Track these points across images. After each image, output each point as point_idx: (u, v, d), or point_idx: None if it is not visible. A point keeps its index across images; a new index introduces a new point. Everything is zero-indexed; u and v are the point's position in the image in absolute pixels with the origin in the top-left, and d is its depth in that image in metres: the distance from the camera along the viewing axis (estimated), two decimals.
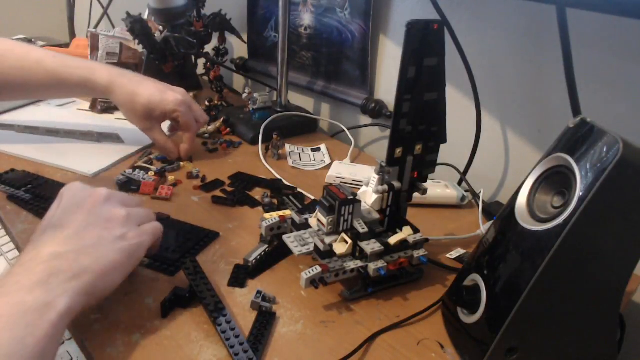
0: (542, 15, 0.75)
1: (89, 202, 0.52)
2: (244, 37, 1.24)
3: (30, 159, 0.84)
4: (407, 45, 0.51)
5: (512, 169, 0.86)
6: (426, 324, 0.55)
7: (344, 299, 0.57)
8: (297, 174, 0.87)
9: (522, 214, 0.48)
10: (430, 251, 0.62)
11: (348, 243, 0.56)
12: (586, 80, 0.70)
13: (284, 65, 1.03)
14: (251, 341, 0.50)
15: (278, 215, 0.64)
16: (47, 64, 0.81)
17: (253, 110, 1.00)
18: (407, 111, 0.55)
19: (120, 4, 1.43)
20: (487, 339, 0.47)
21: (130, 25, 1.02)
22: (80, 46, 1.22)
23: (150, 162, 0.85)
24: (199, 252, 0.63)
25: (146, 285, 0.57)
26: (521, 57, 0.80)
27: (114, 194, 0.55)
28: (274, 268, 0.62)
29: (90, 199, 0.53)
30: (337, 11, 1.04)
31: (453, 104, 0.66)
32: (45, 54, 0.82)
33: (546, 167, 0.48)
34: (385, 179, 0.58)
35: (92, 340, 0.49)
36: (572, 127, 0.47)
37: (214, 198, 0.75)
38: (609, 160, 0.41)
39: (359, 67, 1.04)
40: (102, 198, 0.53)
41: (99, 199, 0.53)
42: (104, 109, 1.06)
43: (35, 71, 0.81)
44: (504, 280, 0.47)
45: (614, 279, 0.47)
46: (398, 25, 0.97)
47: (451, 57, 0.62)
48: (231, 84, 1.43)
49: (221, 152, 0.93)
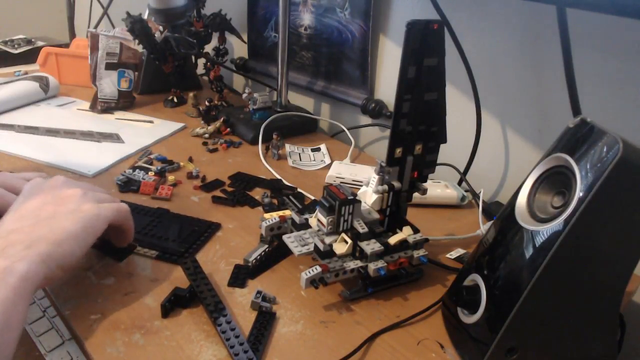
0: (542, 15, 0.75)
1: (47, 186, 0.55)
2: (244, 37, 1.24)
3: (30, 159, 0.84)
4: (407, 45, 0.51)
5: (512, 169, 0.86)
6: (426, 324, 0.55)
7: (344, 299, 0.57)
8: (297, 174, 0.87)
9: (522, 214, 0.48)
10: (430, 251, 0.62)
11: (348, 243, 0.56)
12: (586, 80, 0.70)
13: (284, 65, 1.03)
14: (251, 341, 0.50)
15: (278, 215, 0.64)
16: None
17: (253, 110, 1.00)
18: (407, 111, 0.55)
19: (120, 4, 1.43)
20: (487, 339, 0.47)
21: (130, 25, 1.02)
22: (80, 46, 1.22)
23: (150, 162, 0.85)
24: (204, 243, 0.65)
25: (146, 285, 0.57)
26: (521, 57, 0.80)
27: (74, 182, 0.57)
28: (274, 268, 0.62)
29: (48, 184, 0.55)
30: (337, 11, 1.04)
31: (453, 104, 0.66)
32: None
33: (546, 167, 0.48)
34: (385, 179, 0.58)
35: (92, 340, 0.49)
36: (572, 127, 0.47)
37: (214, 198, 0.75)
38: (609, 160, 0.41)
39: (359, 67, 1.04)
40: (60, 182, 0.55)
41: (57, 183, 0.55)
42: (104, 109, 1.06)
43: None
44: (504, 281, 0.47)
45: (614, 279, 0.47)
46: (398, 25, 0.97)
47: (451, 57, 0.62)
48: (231, 84, 1.43)
49: (221, 152, 0.93)
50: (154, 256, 0.61)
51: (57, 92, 1.14)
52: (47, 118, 1.00)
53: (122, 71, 1.07)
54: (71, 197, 0.53)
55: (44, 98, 1.10)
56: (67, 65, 1.21)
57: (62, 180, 0.56)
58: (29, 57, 1.37)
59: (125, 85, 1.08)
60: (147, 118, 1.05)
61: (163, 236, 0.65)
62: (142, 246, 0.62)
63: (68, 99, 1.12)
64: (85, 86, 1.15)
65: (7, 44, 1.43)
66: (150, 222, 0.67)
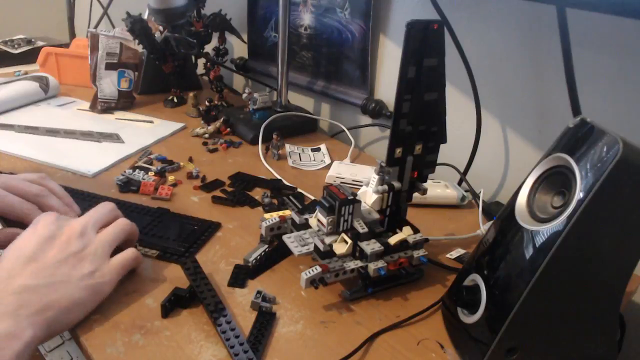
0: (542, 15, 0.75)
1: (63, 236, 0.53)
2: (244, 37, 1.24)
3: (30, 159, 0.84)
4: (407, 45, 0.51)
5: (512, 169, 0.86)
6: (426, 324, 0.55)
7: (344, 299, 0.57)
8: (297, 174, 0.87)
9: (522, 214, 0.48)
10: (430, 251, 0.62)
11: (348, 243, 0.56)
12: (586, 80, 0.70)
13: (284, 65, 1.03)
14: (251, 341, 0.50)
15: (278, 215, 0.64)
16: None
17: (253, 110, 1.00)
18: (407, 111, 0.55)
19: (120, 4, 1.43)
20: (487, 339, 0.47)
21: (130, 25, 1.02)
22: (80, 46, 1.22)
23: (150, 162, 0.85)
24: (204, 242, 0.65)
25: (146, 285, 0.57)
26: (521, 57, 0.80)
27: (88, 224, 0.55)
28: (274, 268, 0.62)
29: (65, 233, 0.53)
30: (337, 11, 1.04)
31: (453, 104, 0.66)
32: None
33: (546, 167, 0.48)
34: (385, 179, 0.58)
35: (92, 340, 0.49)
36: (572, 127, 0.47)
37: (214, 198, 0.75)
38: (609, 160, 0.41)
39: (359, 67, 1.04)
40: (77, 233, 0.53)
41: (74, 234, 0.53)
42: (104, 109, 1.06)
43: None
44: (504, 281, 0.47)
45: (614, 279, 0.47)
46: (398, 25, 0.97)
47: (451, 57, 0.62)
48: (231, 84, 1.43)
49: (221, 152, 0.92)
50: (154, 256, 0.61)
51: (57, 92, 1.14)
52: (47, 118, 1.00)
53: (122, 71, 1.07)
54: (85, 259, 0.52)
55: (44, 98, 1.10)
56: (67, 65, 1.21)
57: (79, 230, 0.54)
58: (29, 57, 1.37)
59: (125, 85, 1.08)
60: (147, 118, 1.05)
61: (163, 236, 0.65)
62: (142, 246, 0.62)
63: (68, 99, 1.12)
64: (85, 86, 1.15)
65: (7, 44, 1.43)
66: (150, 222, 0.67)
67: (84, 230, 0.54)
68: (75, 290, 0.50)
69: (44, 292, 0.48)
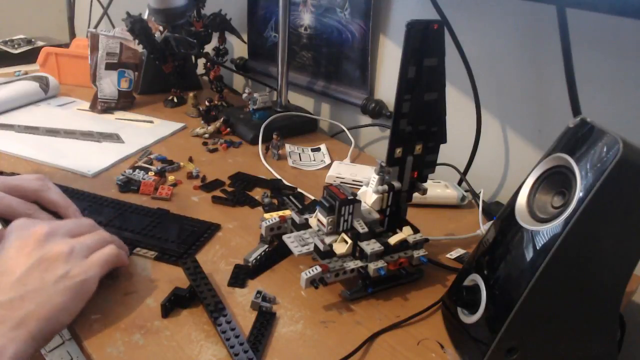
0: (542, 15, 0.75)
1: (30, 242, 0.50)
2: (244, 37, 1.24)
3: (30, 159, 0.84)
4: (407, 45, 0.51)
5: (512, 169, 0.86)
6: (426, 324, 0.55)
7: (344, 299, 0.57)
8: (297, 174, 0.87)
9: (522, 214, 0.48)
10: (430, 251, 0.62)
11: (348, 243, 0.56)
12: (586, 80, 0.70)
13: (284, 65, 1.03)
14: (251, 341, 0.50)
15: (278, 215, 0.64)
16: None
17: (253, 110, 1.00)
18: (407, 111, 0.55)
19: (120, 4, 1.43)
20: (487, 339, 0.47)
21: (130, 25, 1.02)
22: (80, 46, 1.22)
23: (150, 162, 0.85)
24: (204, 244, 0.65)
25: (146, 285, 0.57)
26: (521, 57, 0.80)
27: (57, 227, 0.52)
28: (274, 268, 0.62)
29: (32, 237, 0.50)
30: (337, 11, 1.04)
31: (453, 104, 0.66)
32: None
33: (546, 167, 0.48)
34: (385, 179, 0.58)
35: (92, 340, 0.49)
36: (572, 127, 0.47)
37: (214, 198, 0.75)
38: (609, 160, 0.41)
39: (359, 67, 1.04)
40: (43, 236, 0.50)
41: (40, 237, 0.50)
42: (104, 109, 1.06)
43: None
44: (504, 281, 0.47)
45: (614, 279, 0.47)
46: (398, 25, 0.97)
47: (451, 57, 0.62)
48: (231, 84, 1.43)
49: (221, 152, 0.93)
50: (153, 257, 0.61)
51: (57, 92, 1.14)
52: (47, 118, 1.00)
53: (122, 71, 1.07)
54: (57, 259, 0.49)
55: (44, 98, 1.10)
56: (67, 65, 1.21)
57: (45, 232, 0.50)
58: (29, 57, 1.37)
59: (125, 85, 1.08)
60: (147, 118, 1.05)
61: (163, 236, 0.65)
62: (142, 247, 0.62)
63: (68, 99, 1.12)
64: (85, 86, 1.15)
65: (7, 44, 1.43)
66: (150, 223, 0.67)
67: (51, 231, 0.51)
68: (53, 296, 0.47)
69: (18, 305, 0.45)
